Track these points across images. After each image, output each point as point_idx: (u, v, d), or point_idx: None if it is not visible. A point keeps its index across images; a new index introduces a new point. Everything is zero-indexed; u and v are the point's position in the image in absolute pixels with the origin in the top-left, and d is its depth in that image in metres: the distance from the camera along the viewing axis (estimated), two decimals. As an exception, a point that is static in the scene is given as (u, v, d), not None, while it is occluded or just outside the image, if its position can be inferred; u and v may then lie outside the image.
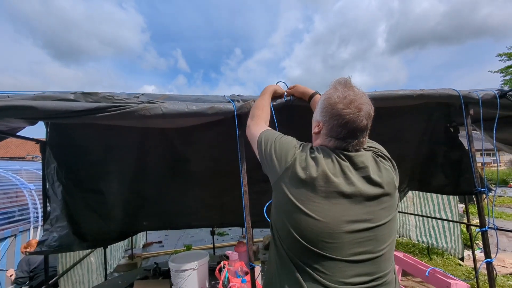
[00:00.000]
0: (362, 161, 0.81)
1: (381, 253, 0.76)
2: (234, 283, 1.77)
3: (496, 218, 7.12)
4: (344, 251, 0.73)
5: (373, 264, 0.75)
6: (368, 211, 0.76)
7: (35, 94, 1.05)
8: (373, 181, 0.79)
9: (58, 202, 1.94)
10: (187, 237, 6.77)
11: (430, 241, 4.32)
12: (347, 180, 0.77)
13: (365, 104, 0.82)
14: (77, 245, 2.07)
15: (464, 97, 1.59)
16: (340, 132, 0.82)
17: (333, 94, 0.84)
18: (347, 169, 0.79)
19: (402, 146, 2.29)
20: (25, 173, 5.31)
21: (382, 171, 0.82)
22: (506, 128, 2.11)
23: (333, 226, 0.73)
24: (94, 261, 3.46)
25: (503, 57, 14.63)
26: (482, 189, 1.67)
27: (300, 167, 0.79)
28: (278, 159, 0.84)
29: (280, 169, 0.82)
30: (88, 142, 1.95)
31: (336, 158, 0.81)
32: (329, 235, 0.73)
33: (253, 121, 1.13)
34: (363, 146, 0.87)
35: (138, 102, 1.15)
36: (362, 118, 0.80)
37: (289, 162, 0.81)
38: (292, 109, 1.47)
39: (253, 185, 1.55)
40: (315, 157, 0.81)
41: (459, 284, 1.76)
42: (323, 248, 0.73)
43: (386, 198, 0.80)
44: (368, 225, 0.75)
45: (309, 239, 0.73)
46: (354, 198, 0.76)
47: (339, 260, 0.72)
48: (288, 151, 0.84)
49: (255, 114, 1.16)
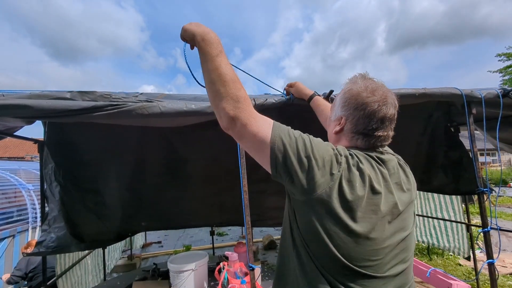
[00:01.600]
0: (393, 166, 0.76)
1: (410, 262, 0.73)
2: (233, 284, 1.75)
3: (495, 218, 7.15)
4: (385, 267, 0.67)
5: (405, 275, 0.71)
6: (402, 219, 0.72)
7: (31, 93, 1.03)
8: (403, 188, 0.75)
9: (56, 203, 1.93)
10: (186, 237, 6.74)
11: (431, 241, 4.30)
12: (387, 188, 0.71)
13: (389, 92, 0.77)
14: (75, 246, 2.06)
15: (466, 96, 1.58)
16: (367, 123, 0.74)
17: (354, 86, 0.78)
18: (386, 176, 0.72)
19: (402, 146, 2.28)
20: (23, 173, 5.28)
21: (408, 177, 0.79)
22: (508, 128, 2.10)
23: (379, 242, 0.66)
24: (90, 262, 3.44)
25: (502, 57, 14.65)
26: (484, 189, 1.66)
27: (346, 180, 0.66)
28: (320, 168, 0.65)
29: (325, 180, 0.65)
30: (86, 142, 1.94)
31: (376, 165, 0.73)
32: (375, 252, 0.66)
33: (241, 109, 0.69)
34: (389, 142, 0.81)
35: (136, 101, 1.13)
36: (389, 106, 0.74)
37: (335, 174, 0.66)
38: (291, 107, 1.45)
39: (252, 185, 1.53)
40: (359, 168, 0.69)
41: (460, 285, 1.74)
42: (367, 267, 0.66)
43: (412, 204, 0.76)
44: (403, 235, 0.71)
45: (353, 258, 0.65)
46: (394, 208, 0.70)
47: (380, 277, 0.67)
48: (332, 158, 0.67)
49: (237, 95, 0.69)
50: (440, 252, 4.51)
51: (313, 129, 1.04)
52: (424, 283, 3.08)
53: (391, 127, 0.78)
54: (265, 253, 5.01)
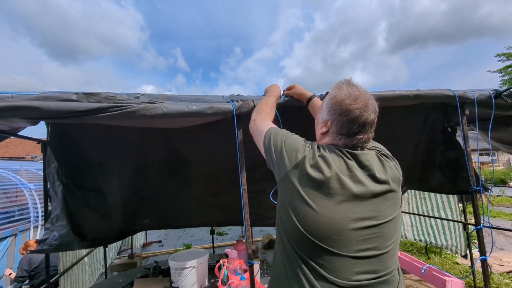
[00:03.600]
0: (367, 159, 0.84)
1: (387, 250, 0.77)
2: (233, 280, 1.79)
3: (494, 217, 7.18)
4: (350, 247, 0.74)
5: (379, 261, 0.76)
6: (373, 208, 0.78)
7: (38, 95, 1.07)
8: (378, 179, 0.81)
9: (58, 201, 1.96)
10: (186, 237, 6.78)
11: (428, 239, 4.35)
12: (353, 178, 0.79)
13: (370, 99, 0.86)
14: (77, 244, 2.08)
15: (459, 97, 1.62)
16: (350, 127, 0.84)
17: (339, 93, 0.87)
18: (353, 167, 0.81)
19: (399, 146, 2.32)
20: (25, 173, 5.31)
21: (386, 169, 0.85)
22: (502, 128, 2.14)
23: (340, 222, 0.74)
24: (87, 261, 3.47)
25: (502, 57, 14.67)
26: (477, 188, 1.70)
27: (309, 164, 0.80)
28: (288, 154, 0.85)
29: (290, 164, 0.83)
30: (88, 142, 1.97)
31: (342, 157, 0.82)
32: (336, 231, 0.74)
33: (260, 116, 1.14)
34: (370, 143, 0.90)
35: (139, 102, 1.17)
36: (370, 112, 0.83)
37: (299, 158, 0.82)
38: (290, 109, 1.49)
39: (252, 184, 1.57)
40: (322, 155, 0.82)
41: (455, 281, 1.78)
42: (330, 244, 0.74)
43: (391, 195, 0.82)
44: (374, 222, 0.77)
45: (316, 235, 0.74)
46: (360, 195, 0.77)
47: (346, 256, 0.73)
48: (298, 147, 0.86)
49: (262, 110, 1.19)
50: (438, 251, 4.55)
51: (309, 129, 1.08)
52: (420, 281, 3.12)
53: (371, 130, 0.87)
54: (264, 252, 5.05)
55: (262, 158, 1.00)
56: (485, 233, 1.68)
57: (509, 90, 1.63)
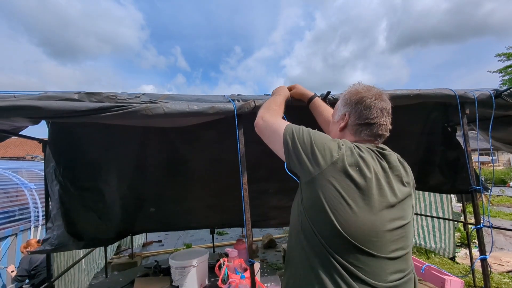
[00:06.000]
0: (394, 160, 0.85)
1: (409, 249, 0.81)
2: (233, 279, 1.79)
3: (494, 217, 7.18)
4: (386, 248, 0.74)
5: (404, 260, 0.78)
6: (401, 209, 0.80)
7: (40, 94, 1.07)
8: (403, 180, 0.84)
9: (56, 201, 1.92)
10: (186, 236, 6.78)
11: (418, 241, 4.38)
12: (388, 179, 0.80)
13: (383, 92, 0.91)
14: (73, 244, 2.04)
15: (460, 97, 1.62)
16: (369, 113, 0.86)
17: (352, 88, 0.94)
18: (386, 169, 0.82)
19: (400, 145, 2.31)
20: (25, 173, 5.31)
21: (407, 171, 0.88)
22: (503, 128, 2.14)
23: (379, 224, 0.74)
24: (83, 261, 3.47)
25: (502, 57, 14.66)
26: (477, 187, 1.70)
27: (348, 163, 0.76)
28: (321, 152, 0.79)
29: (325, 162, 0.77)
30: (87, 141, 1.94)
31: (376, 157, 0.82)
32: (376, 233, 0.74)
33: (268, 113, 1.06)
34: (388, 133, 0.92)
35: (141, 102, 1.17)
36: (384, 100, 0.88)
37: (335, 157, 0.77)
38: (290, 109, 1.49)
39: (253, 184, 1.57)
40: (360, 155, 0.79)
41: (454, 280, 1.79)
42: (369, 246, 0.73)
43: (410, 197, 0.85)
44: (402, 223, 0.78)
45: (357, 237, 0.72)
46: (392, 196, 0.79)
47: (383, 258, 0.74)
48: (331, 145, 0.80)
49: (271, 107, 1.11)
50: (432, 251, 4.56)
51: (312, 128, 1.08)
52: (420, 280, 3.13)
53: (389, 119, 0.90)
54: (264, 251, 5.06)
55: (263, 158, 1.00)
56: (485, 233, 1.69)
57: (510, 90, 1.64)
